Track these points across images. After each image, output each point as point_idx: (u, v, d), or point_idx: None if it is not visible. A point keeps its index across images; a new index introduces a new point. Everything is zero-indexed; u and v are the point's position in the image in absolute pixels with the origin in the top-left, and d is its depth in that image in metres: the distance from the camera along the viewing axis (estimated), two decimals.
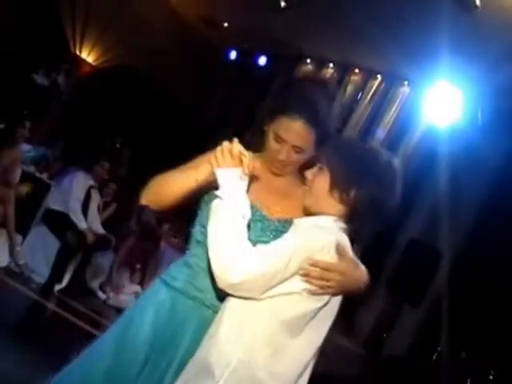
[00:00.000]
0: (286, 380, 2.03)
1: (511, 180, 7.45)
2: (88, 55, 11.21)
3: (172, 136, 11.45)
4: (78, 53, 11.13)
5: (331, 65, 10.35)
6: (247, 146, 2.23)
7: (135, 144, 10.85)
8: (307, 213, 2.20)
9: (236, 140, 2.16)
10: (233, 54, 11.75)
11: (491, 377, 6.63)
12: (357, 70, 9.98)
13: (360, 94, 9.88)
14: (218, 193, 2.08)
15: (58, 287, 7.27)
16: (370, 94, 9.72)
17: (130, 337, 2.30)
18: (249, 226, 2.13)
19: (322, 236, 2.03)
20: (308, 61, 10.73)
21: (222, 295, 2.14)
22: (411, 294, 7.62)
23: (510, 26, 6.59)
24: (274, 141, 2.30)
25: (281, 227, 2.27)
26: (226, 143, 2.15)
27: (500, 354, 6.88)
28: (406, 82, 9.28)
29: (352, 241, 2.19)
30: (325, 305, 2.05)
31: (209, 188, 2.21)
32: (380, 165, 2.11)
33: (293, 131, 2.24)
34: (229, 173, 2.07)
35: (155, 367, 2.26)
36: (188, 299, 2.31)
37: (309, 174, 2.20)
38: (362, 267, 2.27)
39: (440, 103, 8.20)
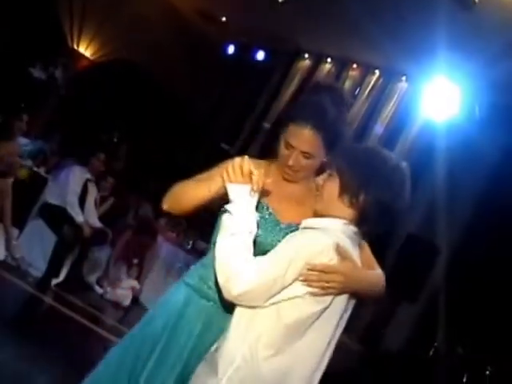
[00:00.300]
0: (291, 380, 2.07)
1: (508, 175, 7.46)
2: (86, 49, 11.19)
3: (169, 130, 11.45)
4: (75, 47, 11.12)
5: (329, 60, 10.34)
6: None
7: (133, 138, 10.84)
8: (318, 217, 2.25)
9: (246, 157, 2.21)
10: (231, 49, 11.74)
11: (488, 372, 6.65)
12: (355, 65, 9.97)
13: (358, 89, 9.88)
14: (227, 207, 2.15)
15: (54, 281, 7.26)
16: (368, 89, 9.72)
17: (143, 331, 2.40)
18: (261, 229, 2.24)
19: (320, 239, 2.07)
20: (306, 56, 10.72)
21: None
22: (408, 289, 7.63)
23: (507, 22, 6.58)
24: (284, 148, 2.37)
25: (291, 231, 2.31)
26: (237, 159, 2.20)
27: (497, 349, 6.89)
28: (403, 78, 9.27)
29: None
30: (328, 306, 2.09)
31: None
32: (388, 168, 2.14)
33: (300, 137, 2.31)
34: (239, 189, 2.14)
35: (160, 363, 2.31)
36: (201, 298, 2.37)
37: (319, 179, 2.24)
38: (379, 270, 2.34)
39: (438, 98, 8.20)
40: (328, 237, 2.07)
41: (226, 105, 12.04)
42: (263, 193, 2.27)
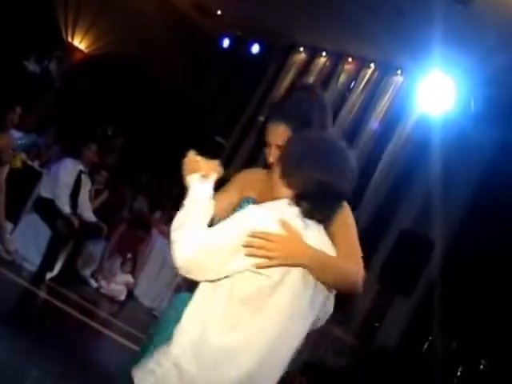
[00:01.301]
0: (242, 358, 2.12)
1: (503, 169, 7.46)
2: (80, 42, 11.15)
3: (164, 124, 11.42)
4: (70, 40, 11.08)
5: (324, 53, 10.33)
6: None
7: (128, 132, 10.81)
8: None
9: (191, 151, 2.36)
10: (226, 42, 11.72)
11: (482, 366, 6.67)
12: (350, 59, 9.96)
13: (353, 83, 9.87)
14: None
15: (49, 275, 7.25)
16: (363, 82, 9.71)
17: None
18: None
19: (263, 212, 2.17)
20: (301, 49, 10.71)
21: None
22: (403, 283, 7.64)
23: (503, 17, 6.58)
24: (265, 148, 2.57)
25: None
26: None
27: (491, 343, 6.91)
28: (399, 71, 9.27)
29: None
30: (280, 284, 2.14)
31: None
32: (321, 149, 2.25)
33: (272, 133, 2.53)
34: (190, 178, 2.31)
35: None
36: None
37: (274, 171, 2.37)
38: (352, 264, 2.34)
39: (433, 92, 8.20)
40: (271, 212, 2.17)
41: (221, 98, 12.03)
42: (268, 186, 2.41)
